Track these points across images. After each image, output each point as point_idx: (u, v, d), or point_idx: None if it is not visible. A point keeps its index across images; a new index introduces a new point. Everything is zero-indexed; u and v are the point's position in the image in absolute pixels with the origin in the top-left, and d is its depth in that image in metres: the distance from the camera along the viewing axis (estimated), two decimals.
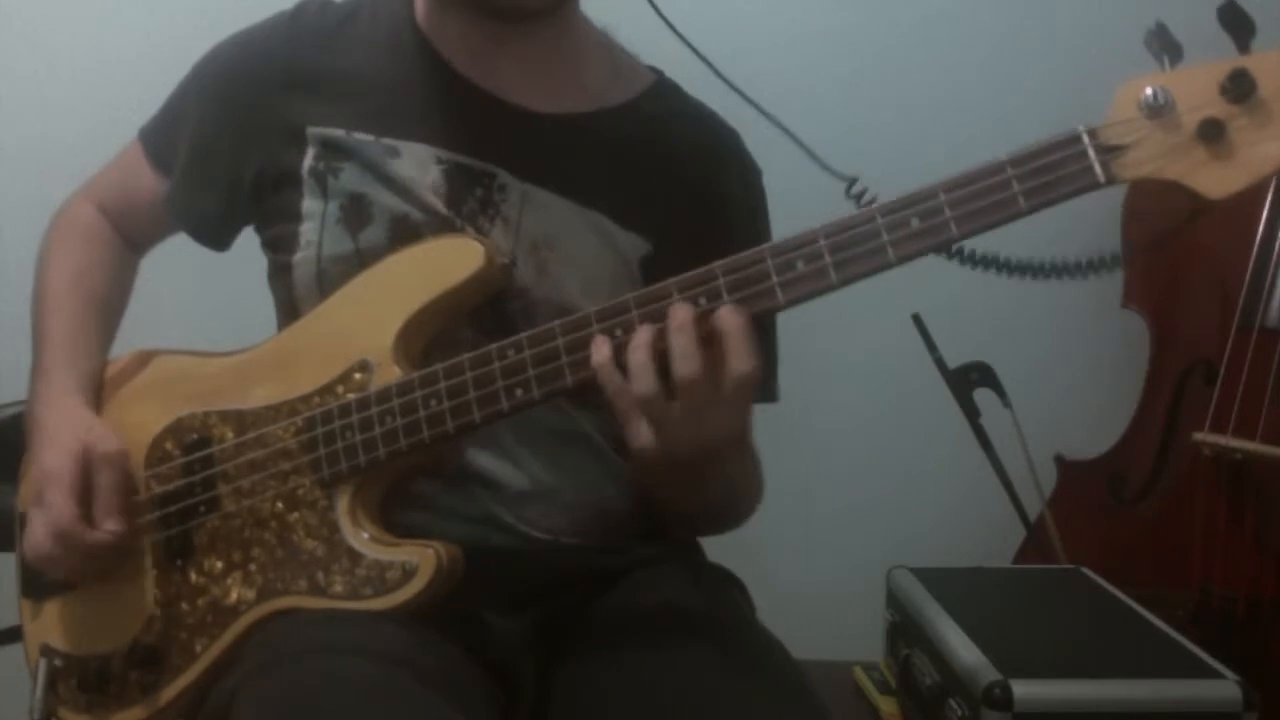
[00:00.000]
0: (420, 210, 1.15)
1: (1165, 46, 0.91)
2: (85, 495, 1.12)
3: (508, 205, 1.16)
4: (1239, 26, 0.89)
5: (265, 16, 1.26)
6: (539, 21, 1.16)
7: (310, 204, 1.17)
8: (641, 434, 0.98)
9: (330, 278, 1.16)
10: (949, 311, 1.87)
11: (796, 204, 1.28)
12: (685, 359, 0.95)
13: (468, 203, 1.16)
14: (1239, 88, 0.87)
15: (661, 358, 0.96)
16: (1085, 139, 0.90)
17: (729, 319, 0.95)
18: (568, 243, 1.16)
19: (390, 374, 1.07)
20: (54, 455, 1.13)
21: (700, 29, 1.22)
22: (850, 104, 2.11)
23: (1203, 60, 0.90)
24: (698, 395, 0.95)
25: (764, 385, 1.23)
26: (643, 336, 0.97)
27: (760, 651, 1.11)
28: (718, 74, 1.23)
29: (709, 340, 0.96)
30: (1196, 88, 0.88)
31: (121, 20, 2.08)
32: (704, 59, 1.22)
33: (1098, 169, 0.89)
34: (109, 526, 1.12)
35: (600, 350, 0.98)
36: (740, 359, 0.95)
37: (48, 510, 1.11)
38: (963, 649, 1.36)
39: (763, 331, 1.13)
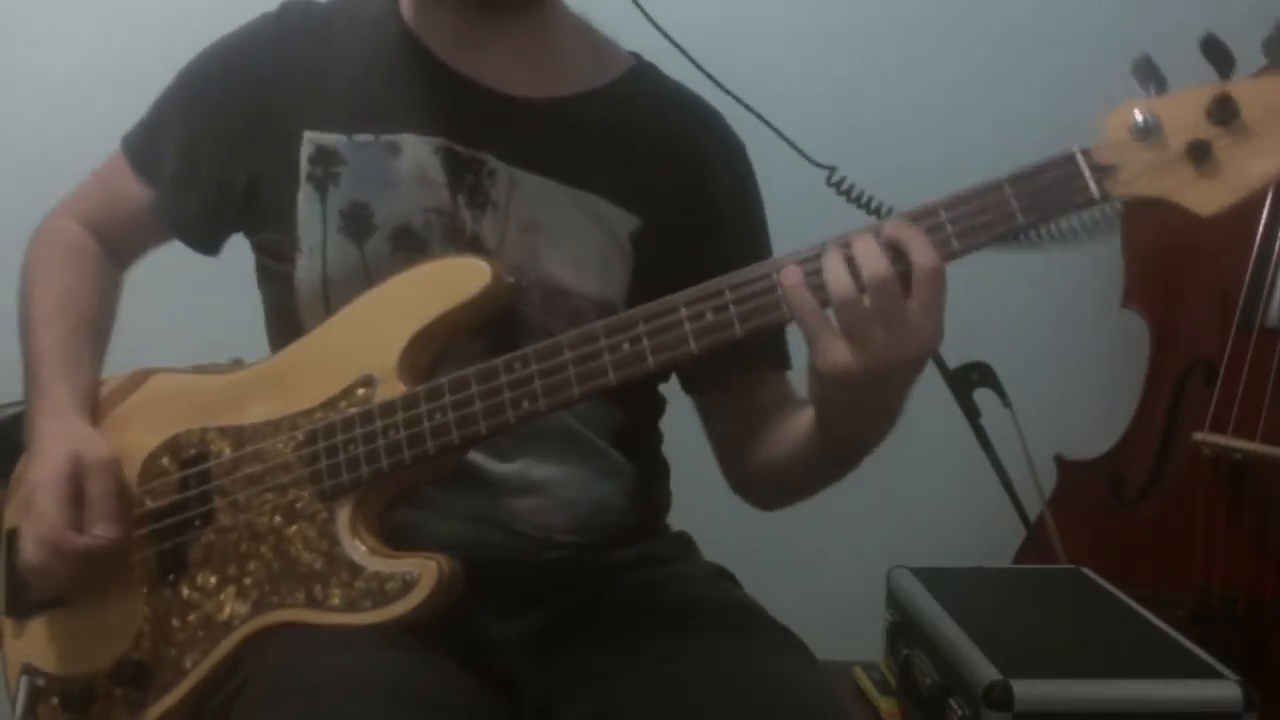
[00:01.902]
0: (421, 209, 1.16)
1: (1151, 76, 0.95)
2: (76, 501, 1.11)
3: (496, 190, 1.17)
4: (1220, 58, 0.94)
5: (251, 16, 1.25)
6: (521, 10, 1.18)
7: (308, 210, 1.17)
8: (839, 351, 0.96)
9: (336, 287, 1.16)
10: (949, 311, 1.86)
11: (776, 194, 1.29)
12: (873, 261, 0.94)
13: (461, 190, 1.16)
14: (1223, 111, 0.92)
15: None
16: (1080, 159, 0.94)
17: (898, 229, 0.96)
18: (556, 224, 1.17)
19: (394, 389, 1.07)
20: (43, 466, 1.13)
21: (677, 18, 1.23)
22: (831, 93, 2.11)
23: (1186, 87, 0.94)
24: (890, 298, 0.94)
25: (780, 352, 1.26)
26: (833, 256, 0.96)
27: (775, 642, 1.11)
28: (696, 65, 1.25)
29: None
30: (1183, 112, 0.93)
31: (120, 20, 2.08)
32: (682, 50, 1.24)
33: (1093, 187, 0.94)
34: (98, 531, 1.10)
35: (792, 274, 0.97)
36: (923, 254, 0.94)
37: (36, 520, 1.10)
38: (963, 649, 1.36)
39: None
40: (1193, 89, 0.94)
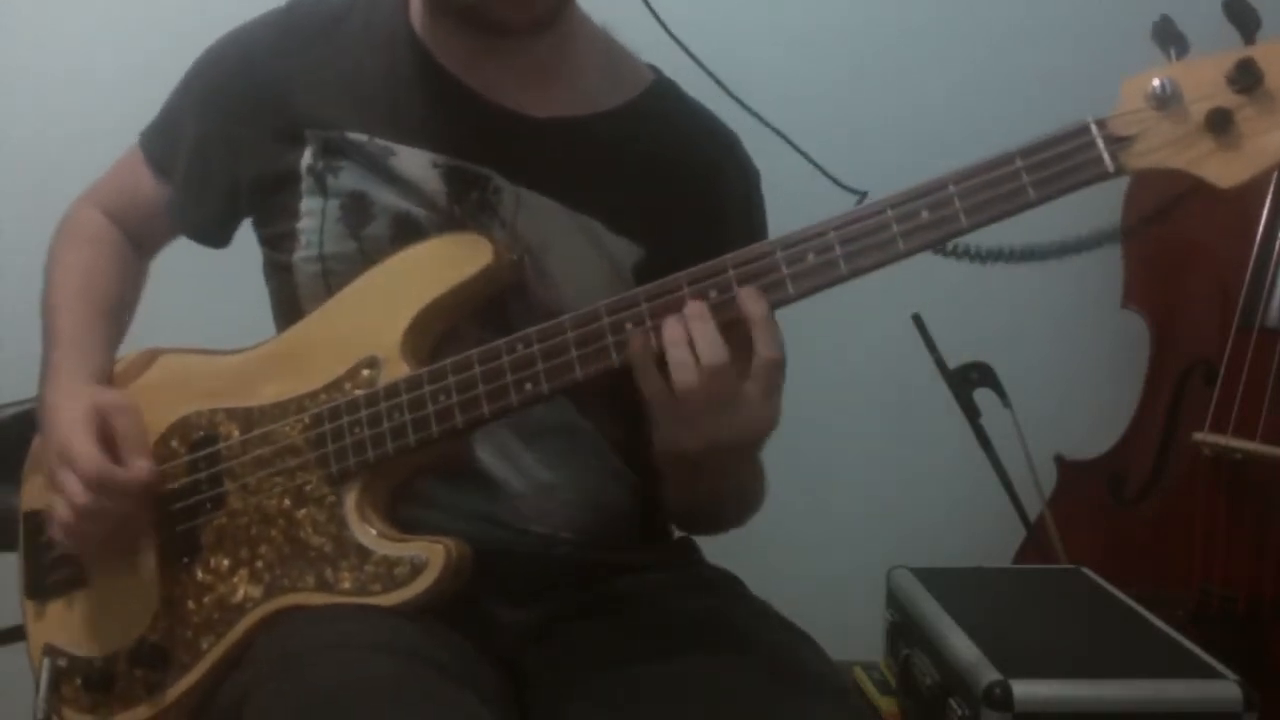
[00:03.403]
0: (421, 206, 1.15)
1: (1171, 39, 0.91)
2: (108, 442, 1.12)
3: (503, 208, 1.16)
4: (1244, 19, 0.90)
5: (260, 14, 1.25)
6: (532, 33, 1.16)
7: (309, 202, 1.17)
8: (675, 427, 0.98)
9: (334, 275, 1.16)
10: (949, 311, 1.87)
11: (803, 217, 1.28)
12: (712, 347, 0.95)
13: (465, 205, 1.16)
14: (1246, 78, 0.88)
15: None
16: (1094, 129, 0.91)
17: (752, 305, 0.96)
18: (560, 247, 1.17)
19: (398, 370, 1.07)
20: (66, 419, 1.13)
21: (704, 38, 1.21)
22: (857, 114, 2.11)
23: (1208, 52, 0.90)
24: (726, 384, 0.96)
25: None
26: (676, 331, 0.97)
27: (784, 642, 1.11)
28: (725, 89, 1.22)
29: (730, 329, 0.97)
30: (1203, 79, 0.89)
31: (121, 19, 2.08)
32: (710, 74, 1.21)
33: (1107, 159, 0.90)
34: (140, 464, 1.11)
35: (638, 341, 0.98)
36: (766, 345, 0.95)
37: (77, 464, 1.10)
38: (963, 649, 1.36)
39: None
40: (1214, 55, 0.89)
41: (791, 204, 1.27)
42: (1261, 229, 1.92)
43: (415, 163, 1.16)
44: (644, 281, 1.15)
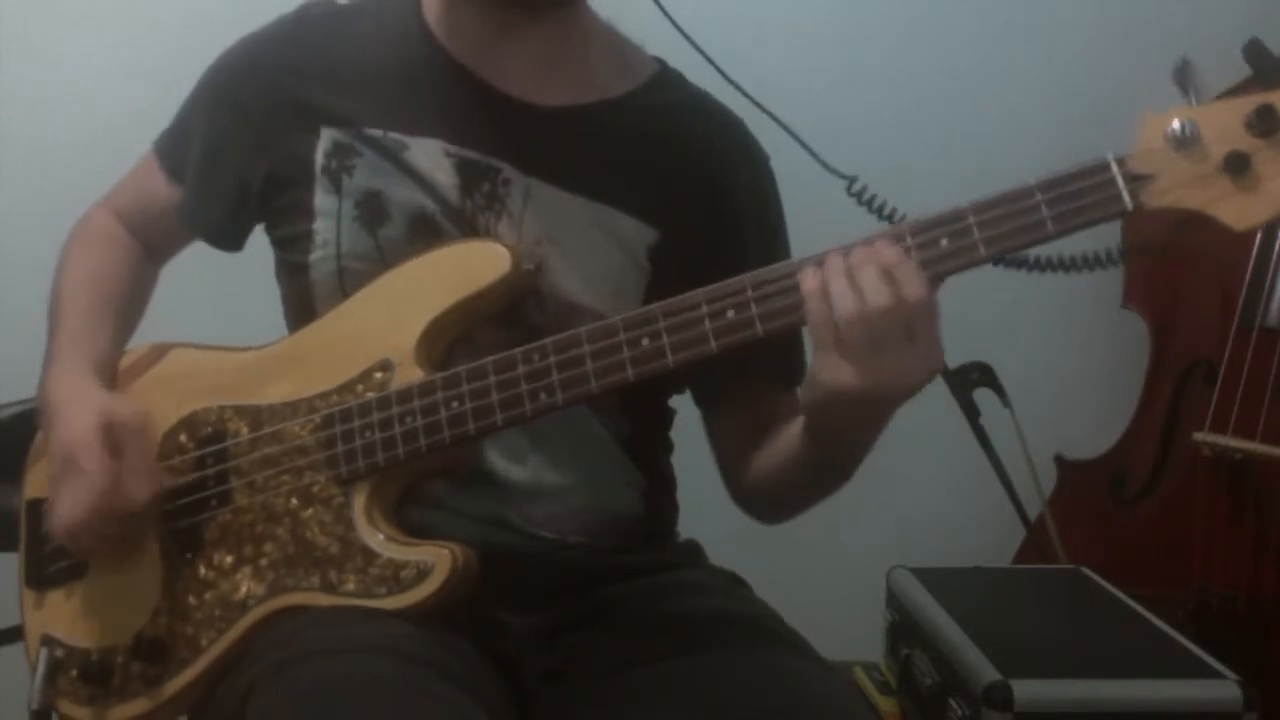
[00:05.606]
0: (435, 202, 1.16)
1: (1191, 81, 0.93)
2: (116, 459, 1.11)
3: (511, 200, 1.16)
4: (1264, 64, 0.92)
5: (270, 17, 1.25)
6: (548, 13, 1.17)
7: (324, 202, 1.17)
8: (844, 371, 0.96)
9: (352, 275, 1.16)
10: (949, 311, 1.86)
11: (796, 201, 1.28)
12: (875, 292, 0.94)
13: (475, 198, 1.16)
14: (1265, 123, 0.89)
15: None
16: (1114, 167, 0.92)
17: (887, 253, 0.95)
18: (570, 237, 1.17)
19: (411, 374, 1.07)
20: (76, 425, 1.12)
21: (700, 23, 1.22)
22: (850, 101, 2.12)
23: (1227, 96, 0.92)
24: (894, 326, 0.94)
25: (799, 369, 1.25)
26: (837, 265, 0.96)
27: (789, 645, 1.11)
28: (719, 70, 1.23)
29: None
30: (1222, 121, 0.90)
31: (123, 20, 2.08)
32: (705, 55, 1.22)
33: (1126, 196, 0.91)
34: (144, 488, 1.11)
35: (810, 280, 0.97)
36: (912, 286, 0.94)
37: (84, 476, 1.10)
38: (963, 649, 1.36)
39: None
40: (1234, 99, 0.91)
41: (783, 187, 1.28)
42: (1261, 230, 1.92)
43: (428, 155, 1.16)
44: (659, 266, 1.17)
